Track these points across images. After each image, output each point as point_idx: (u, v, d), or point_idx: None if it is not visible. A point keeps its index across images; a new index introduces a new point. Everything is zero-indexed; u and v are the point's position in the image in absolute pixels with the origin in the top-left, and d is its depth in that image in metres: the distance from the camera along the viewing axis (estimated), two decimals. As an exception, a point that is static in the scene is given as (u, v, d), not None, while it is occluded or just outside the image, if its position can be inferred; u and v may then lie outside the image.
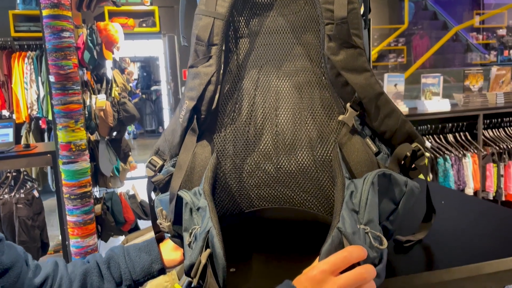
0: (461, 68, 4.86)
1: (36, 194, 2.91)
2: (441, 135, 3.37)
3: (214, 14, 0.78)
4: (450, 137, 3.38)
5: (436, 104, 3.36)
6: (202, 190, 0.73)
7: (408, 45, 6.21)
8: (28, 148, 2.95)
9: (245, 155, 0.85)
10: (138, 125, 9.58)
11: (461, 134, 3.39)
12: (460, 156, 3.28)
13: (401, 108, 2.41)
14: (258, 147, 0.84)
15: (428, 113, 3.27)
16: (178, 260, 0.88)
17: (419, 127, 3.30)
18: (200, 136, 0.81)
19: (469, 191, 3.31)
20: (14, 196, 2.80)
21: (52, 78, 2.49)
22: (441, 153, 3.27)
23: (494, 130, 3.48)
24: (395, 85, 3.32)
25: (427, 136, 3.37)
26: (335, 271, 0.54)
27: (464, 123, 3.39)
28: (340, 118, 0.75)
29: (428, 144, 3.25)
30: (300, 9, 0.81)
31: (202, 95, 0.79)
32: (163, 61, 6.29)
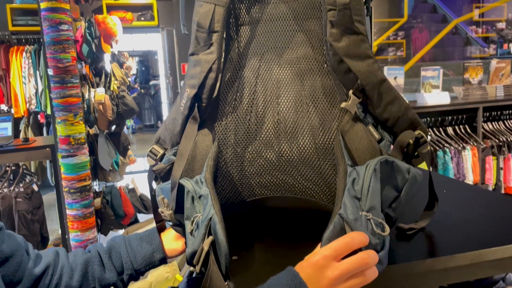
0: (460, 61, 4.85)
1: (35, 188, 2.91)
2: (440, 128, 3.37)
3: (215, 1, 0.77)
4: (450, 130, 3.37)
5: (435, 97, 3.35)
6: (204, 178, 0.72)
7: (407, 38, 6.20)
8: (27, 142, 2.94)
9: (246, 144, 0.84)
10: (137, 119, 9.57)
11: (460, 127, 3.38)
12: (460, 149, 3.28)
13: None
14: (260, 135, 0.84)
15: (427, 106, 3.26)
16: (180, 249, 0.88)
17: (418, 120, 3.29)
18: (201, 125, 0.81)
19: (468, 184, 3.31)
20: (14, 190, 2.79)
21: (50, 71, 2.48)
22: (440, 146, 3.27)
23: (493, 123, 3.47)
24: (395, 78, 3.31)
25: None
26: (337, 257, 0.54)
27: (464, 116, 3.38)
28: (343, 105, 0.75)
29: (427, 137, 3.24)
30: None
31: (203, 83, 0.78)
32: (162, 55, 6.27)
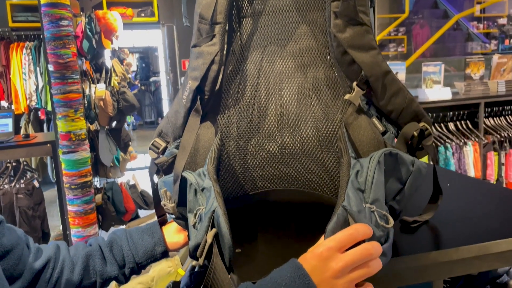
0: (462, 57, 4.83)
1: (36, 184, 2.90)
2: (442, 124, 3.36)
3: None
4: (451, 125, 3.36)
5: (437, 92, 3.34)
6: (207, 171, 0.72)
7: (408, 34, 6.17)
8: (27, 138, 2.94)
9: (249, 136, 0.83)
10: (137, 116, 9.56)
11: (462, 122, 3.37)
12: (461, 144, 3.27)
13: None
14: (262, 128, 0.83)
15: (429, 101, 3.24)
16: (181, 242, 0.87)
17: (420, 115, 3.28)
18: (203, 117, 0.80)
19: (470, 180, 3.30)
20: (15, 186, 2.79)
21: (51, 67, 2.47)
22: (442, 141, 3.26)
23: (495, 119, 3.46)
24: (396, 73, 3.30)
25: (428, 124, 3.34)
26: (341, 248, 0.54)
27: (465, 112, 3.37)
28: (346, 97, 0.74)
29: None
30: None
31: (206, 75, 0.77)
32: (162, 51, 6.25)
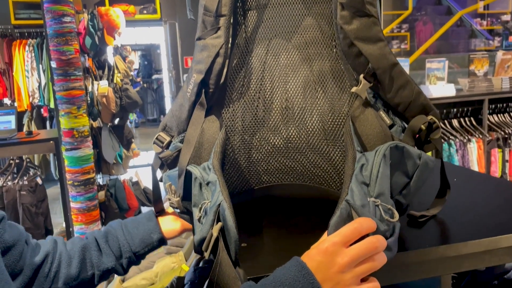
0: (465, 53, 4.80)
1: (39, 181, 2.91)
2: (445, 120, 3.34)
3: None
4: (455, 122, 3.35)
5: (441, 89, 3.32)
6: (212, 165, 0.71)
7: (411, 31, 6.14)
8: (30, 135, 2.94)
9: (254, 130, 0.83)
10: (140, 114, 9.56)
11: (466, 119, 3.35)
12: (465, 141, 3.25)
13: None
14: (267, 122, 0.82)
15: (432, 98, 3.23)
16: (178, 230, 0.87)
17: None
18: (208, 111, 0.79)
19: (473, 176, 3.29)
20: (18, 183, 2.79)
21: (53, 64, 2.47)
22: (445, 138, 3.25)
23: (499, 115, 3.45)
24: (400, 70, 3.28)
25: (431, 121, 3.33)
26: (346, 243, 0.53)
27: (469, 108, 3.36)
28: (353, 90, 0.73)
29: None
30: None
31: (210, 68, 0.76)
32: (164, 48, 6.25)
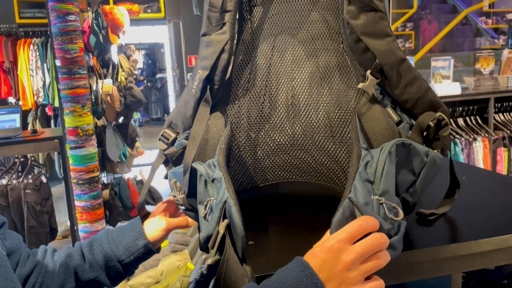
0: (471, 52, 4.77)
1: (44, 179, 2.91)
2: (451, 119, 3.32)
3: None
4: (461, 121, 3.33)
5: (446, 87, 3.30)
6: (217, 162, 0.70)
7: (416, 29, 6.11)
8: (35, 134, 2.94)
9: (259, 127, 0.82)
10: (144, 113, 9.57)
11: (471, 118, 3.33)
12: (471, 140, 3.23)
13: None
14: (273, 118, 0.81)
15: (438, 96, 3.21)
16: (163, 228, 0.86)
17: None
18: (213, 108, 0.79)
19: (479, 176, 3.27)
20: (22, 181, 2.80)
21: (58, 62, 2.47)
22: (451, 137, 3.23)
23: (505, 114, 3.42)
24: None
25: (436, 120, 3.31)
26: (351, 240, 0.52)
27: (475, 107, 3.34)
28: (360, 86, 0.72)
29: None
30: None
31: (215, 64, 0.76)
32: (168, 47, 6.25)
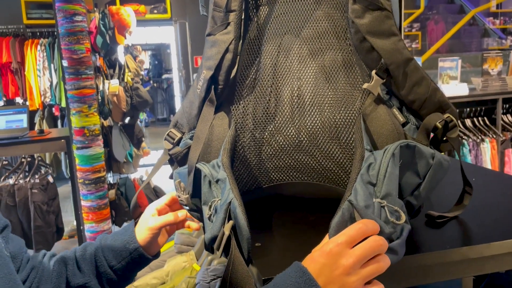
0: (478, 53, 4.73)
1: (50, 179, 2.93)
2: (458, 120, 3.30)
3: None
4: (468, 122, 3.30)
5: (453, 88, 3.28)
6: (221, 162, 0.70)
7: (423, 30, 6.08)
8: (42, 134, 2.96)
9: (264, 127, 0.81)
10: (150, 113, 9.60)
11: (479, 119, 3.31)
12: (478, 141, 3.21)
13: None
14: (279, 119, 0.81)
15: (445, 97, 3.18)
16: (147, 235, 0.84)
17: (435, 111, 3.23)
18: (217, 108, 0.78)
19: (487, 177, 3.24)
20: (29, 181, 2.81)
21: (65, 63, 2.48)
22: (459, 139, 3.20)
23: (513, 115, 3.40)
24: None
25: (444, 121, 3.29)
26: (351, 243, 0.51)
27: (483, 108, 3.31)
28: (365, 86, 0.71)
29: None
30: None
31: (220, 64, 0.75)
32: (175, 48, 6.27)
